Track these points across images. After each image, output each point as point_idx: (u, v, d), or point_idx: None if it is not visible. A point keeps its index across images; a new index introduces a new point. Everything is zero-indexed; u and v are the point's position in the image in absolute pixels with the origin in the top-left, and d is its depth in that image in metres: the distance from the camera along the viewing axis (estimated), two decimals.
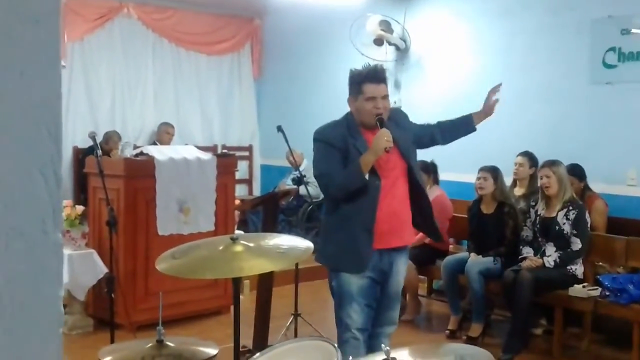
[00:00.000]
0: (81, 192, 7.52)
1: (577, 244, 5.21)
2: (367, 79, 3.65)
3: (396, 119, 3.81)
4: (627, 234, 5.31)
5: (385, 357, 1.89)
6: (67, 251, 5.49)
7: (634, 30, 5.86)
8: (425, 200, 3.86)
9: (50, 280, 0.88)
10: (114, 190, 5.44)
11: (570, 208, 5.25)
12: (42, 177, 0.83)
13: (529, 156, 5.99)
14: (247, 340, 4.57)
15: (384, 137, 3.50)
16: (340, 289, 3.72)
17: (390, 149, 3.52)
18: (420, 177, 3.86)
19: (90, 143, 5.01)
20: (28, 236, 0.90)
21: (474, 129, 4.06)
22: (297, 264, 5.43)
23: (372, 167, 3.57)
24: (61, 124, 0.88)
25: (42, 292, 0.86)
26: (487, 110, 4.01)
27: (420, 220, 3.87)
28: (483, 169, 5.72)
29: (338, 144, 3.65)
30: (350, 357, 2.47)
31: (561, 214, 5.26)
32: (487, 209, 5.71)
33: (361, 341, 3.71)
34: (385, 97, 3.68)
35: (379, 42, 7.58)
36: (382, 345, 1.94)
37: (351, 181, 3.57)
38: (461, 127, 4.02)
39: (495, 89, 4.04)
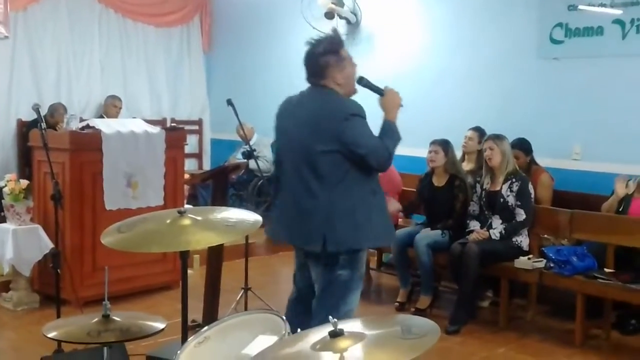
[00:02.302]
0: (26, 166, 7.36)
1: (521, 215, 5.31)
2: (342, 44, 3.67)
3: None
4: (572, 207, 5.42)
5: (332, 328, 1.89)
6: (11, 226, 5.39)
7: (580, 7, 5.95)
8: None
9: None
10: (59, 164, 5.33)
11: (514, 180, 5.34)
12: None
13: (479, 131, 6.05)
14: (197, 314, 4.55)
15: (396, 93, 3.74)
16: (362, 270, 3.69)
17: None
18: None
19: (35, 116, 4.89)
20: None
21: None
22: (247, 238, 5.42)
23: None
24: None
25: None
26: None
27: None
28: (434, 142, 5.76)
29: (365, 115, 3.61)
30: None
31: (505, 186, 5.35)
32: (439, 181, 5.76)
33: None
34: None
35: (330, 15, 7.55)
36: (330, 317, 1.94)
37: (397, 141, 3.69)
38: None
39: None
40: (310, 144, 3.51)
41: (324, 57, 3.57)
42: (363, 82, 3.69)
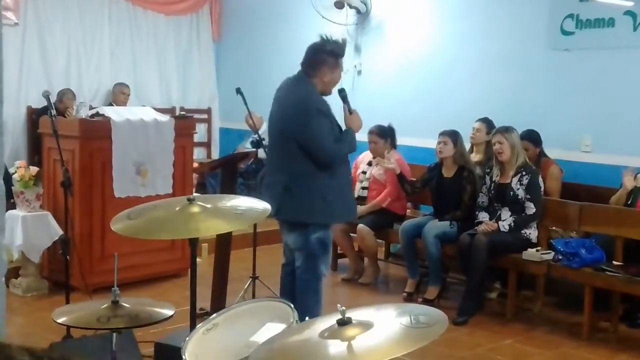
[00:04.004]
0: (35, 153, 7.38)
1: (531, 209, 5.30)
2: (343, 54, 4.21)
3: None
4: (581, 200, 5.41)
5: (340, 316, 1.90)
6: (21, 212, 5.41)
7: None
8: None
9: None
10: (69, 152, 5.35)
11: (524, 173, 5.33)
12: None
13: (487, 122, 6.03)
14: (205, 302, 4.56)
15: (360, 118, 4.28)
16: (328, 240, 4.31)
17: None
18: None
19: (45, 103, 4.90)
20: None
21: None
22: (255, 227, 5.43)
23: None
24: (1, 66, 0.84)
25: None
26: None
27: None
28: (443, 133, 5.74)
29: (329, 112, 4.15)
30: None
31: (515, 179, 5.34)
32: (448, 172, 5.75)
33: None
34: None
35: (339, 4, 7.52)
36: (339, 305, 1.94)
37: (352, 149, 4.28)
38: None
39: None
40: (279, 128, 4.21)
41: (325, 55, 4.11)
42: (343, 93, 4.23)
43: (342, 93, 4.23)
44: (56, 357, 0.84)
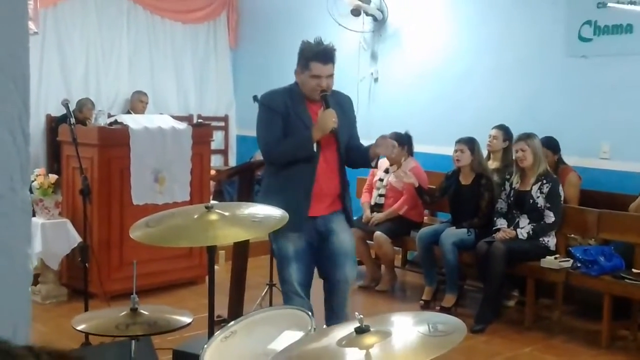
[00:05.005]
0: (54, 161, 7.44)
1: (550, 217, 5.27)
2: (316, 57, 3.82)
3: (342, 103, 4.01)
4: (599, 207, 5.37)
5: (358, 324, 1.90)
6: (40, 220, 5.45)
7: (610, 4, 5.88)
8: (345, 179, 4.05)
9: (19, 238, 0.86)
10: (88, 159, 5.39)
11: (544, 182, 5.30)
12: (10, 134, 0.81)
13: (504, 129, 6.01)
14: (222, 310, 4.57)
15: (331, 118, 3.77)
16: (280, 251, 3.93)
17: (336, 130, 3.78)
18: (343, 159, 4.00)
19: (64, 111, 4.94)
20: None
21: (370, 165, 4.15)
22: None
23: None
24: (29, 77, 0.85)
25: (10, 250, 0.84)
26: (372, 153, 3.98)
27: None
28: (460, 141, 5.73)
29: (280, 109, 3.87)
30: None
31: (535, 187, 5.31)
32: (465, 180, 5.73)
33: (304, 296, 3.92)
34: (330, 76, 3.87)
35: (356, 12, 7.53)
36: (356, 313, 1.94)
37: (299, 151, 3.84)
38: (359, 157, 4.06)
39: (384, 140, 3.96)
40: None
41: (299, 55, 3.93)
42: (324, 97, 3.85)
43: (322, 98, 3.84)
44: (53, 353, 0.85)
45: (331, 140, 3.88)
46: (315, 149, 3.82)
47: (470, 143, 5.68)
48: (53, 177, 5.57)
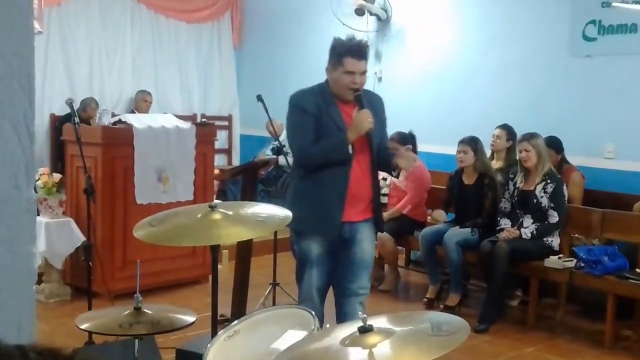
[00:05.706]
0: (58, 160, 7.45)
1: (554, 217, 5.26)
2: (349, 53, 3.67)
3: (373, 102, 3.84)
4: (603, 207, 5.36)
5: (362, 324, 1.90)
6: (44, 219, 5.46)
7: (614, 4, 5.87)
8: (377, 183, 3.96)
9: (24, 237, 0.86)
10: (92, 159, 5.39)
11: (549, 181, 5.29)
12: (15, 132, 0.81)
13: (507, 129, 6.01)
14: (225, 309, 4.57)
15: (367, 119, 3.61)
16: (302, 254, 3.83)
17: (371, 131, 3.63)
18: (376, 162, 3.86)
19: (68, 110, 4.95)
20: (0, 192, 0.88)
21: (391, 172, 4.12)
22: (276, 234, 5.44)
23: None
24: (34, 76, 0.86)
25: (15, 249, 0.85)
26: (393, 162, 3.86)
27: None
28: (462, 142, 5.72)
29: (312, 110, 3.71)
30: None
31: (539, 187, 5.30)
32: (468, 179, 5.73)
33: (319, 301, 3.83)
34: (364, 73, 3.73)
35: (360, 12, 7.54)
36: (359, 312, 1.94)
37: (334, 154, 3.68)
38: (384, 162, 3.91)
39: (408, 153, 3.90)
40: None
41: (330, 53, 3.77)
42: (357, 96, 3.70)
43: (355, 98, 3.71)
44: (44, 352, 0.85)
45: (364, 142, 3.72)
46: (350, 151, 3.67)
47: (472, 143, 5.67)
48: (57, 177, 5.57)
